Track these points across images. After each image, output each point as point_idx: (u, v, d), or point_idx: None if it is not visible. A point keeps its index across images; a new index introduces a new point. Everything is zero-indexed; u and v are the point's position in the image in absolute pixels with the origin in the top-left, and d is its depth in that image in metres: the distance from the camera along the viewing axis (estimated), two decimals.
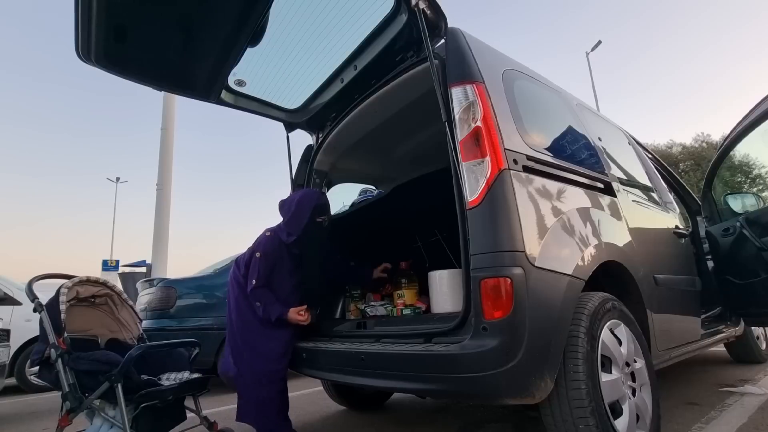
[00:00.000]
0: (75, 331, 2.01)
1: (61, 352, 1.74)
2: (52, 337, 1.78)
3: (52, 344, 1.77)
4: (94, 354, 1.85)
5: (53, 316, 1.84)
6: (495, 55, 1.83)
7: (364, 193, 3.00)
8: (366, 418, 2.58)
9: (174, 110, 10.46)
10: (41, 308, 1.86)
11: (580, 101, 2.46)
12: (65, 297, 1.91)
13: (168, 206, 10.03)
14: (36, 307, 1.87)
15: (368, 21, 1.95)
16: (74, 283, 2.01)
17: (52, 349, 1.76)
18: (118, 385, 1.67)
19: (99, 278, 2.19)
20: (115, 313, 2.24)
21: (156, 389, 1.80)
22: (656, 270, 2.09)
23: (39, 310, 1.86)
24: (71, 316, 1.97)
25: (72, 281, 2.01)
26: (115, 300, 2.24)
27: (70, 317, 1.94)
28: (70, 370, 1.75)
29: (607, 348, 1.51)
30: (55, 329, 1.80)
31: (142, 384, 1.79)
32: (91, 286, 2.13)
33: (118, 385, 1.67)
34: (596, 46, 17.64)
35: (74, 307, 2.05)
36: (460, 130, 1.49)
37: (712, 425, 1.95)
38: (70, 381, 1.73)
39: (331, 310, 2.71)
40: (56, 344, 1.76)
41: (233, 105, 2.41)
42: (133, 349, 1.78)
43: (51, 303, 1.89)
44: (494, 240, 1.34)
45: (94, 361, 1.77)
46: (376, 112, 2.33)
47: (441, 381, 1.38)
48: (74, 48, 1.75)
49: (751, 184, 12.92)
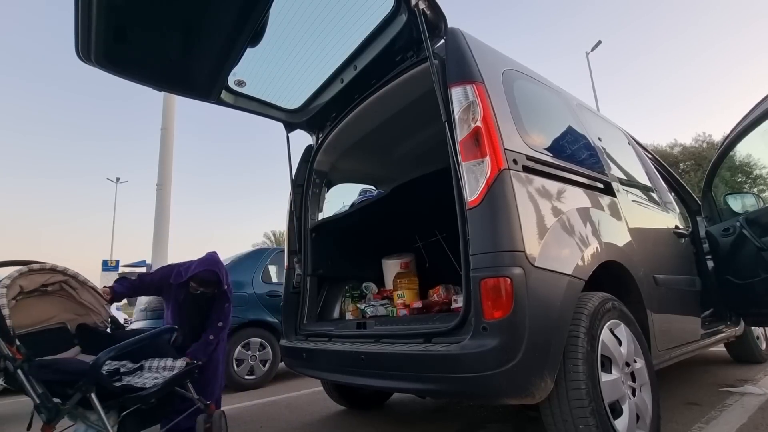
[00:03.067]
0: (35, 324, 1.83)
1: (18, 363, 1.52)
2: (4, 348, 1.55)
3: (4, 355, 1.54)
4: (58, 363, 1.67)
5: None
6: (495, 55, 1.83)
7: (364, 193, 3.00)
8: (366, 418, 2.58)
9: (174, 110, 10.45)
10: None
11: (580, 101, 2.46)
12: (5, 298, 1.66)
13: (168, 206, 10.02)
14: None
15: (368, 21, 1.95)
16: (12, 279, 1.77)
17: (6, 361, 1.53)
18: (91, 394, 1.51)
19: (44, 265, 1.93)
20: (75, 298, 2.04)
21: (136, 395, 1.63)
22: (656, 270, 2.09)
23: None
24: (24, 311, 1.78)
25: (9, 277, 1.77)
26: (71, 284, 2.03)
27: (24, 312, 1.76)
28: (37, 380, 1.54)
29: (607, 348, 1.51)
30: (4, 337, 1.56)
31: (119, 391, 1.63)
32: (36, 275, 1.88)
33: (92, 394, 1.51)
34: (596, 46, 17.66)
35: (23, 301, 1.84)
36: (460, 130, 1.49)
37: (712, 425, 1.95)
38: (39, 390, 1.51)
39: (331, 310, 2.71)
40: (9, 355, 1.53)
41: (233, 105, 2.41)
42: (101, 354, 1.58)
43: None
44: (494, 240, 1.34)
45: (57, 371, 1.60)
46: (376, 112, 2.33)
47: (441, 381, 1.38)
48: (74, 48, 1.75)
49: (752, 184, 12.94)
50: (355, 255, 2.81)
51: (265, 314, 4.11)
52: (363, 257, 2.87)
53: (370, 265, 2.87)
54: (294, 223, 2.56)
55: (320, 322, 2.51)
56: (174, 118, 10.46)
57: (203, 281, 2.39)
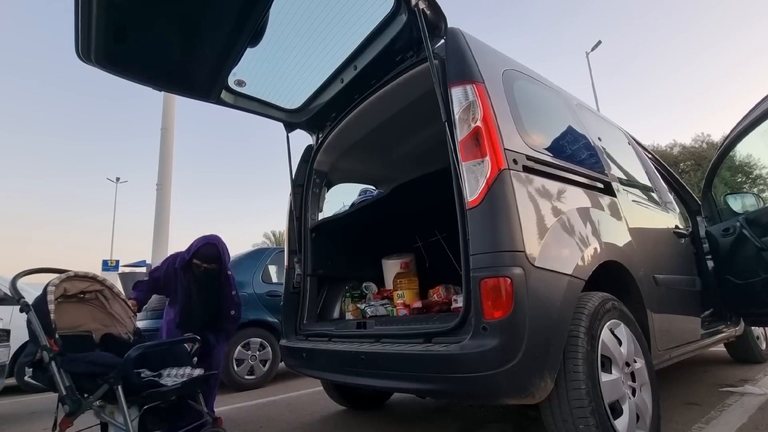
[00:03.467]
0: (65, 328, 1.95)
1: (54, 355, 1.67)
2: (43, 339, 1.70)
3: (43, 346, 1.69)
4: (90, 356, 1.80)
5: (42, 316, 1.76)
6: (495, 55, 1.83)
7: (364, 193, 3.00)
8: (366, 418, 2.58)
9: (174, 110, 10.45)
10: (28, 308, 1.79)
11: (580, 101, 2.46)
12: (53, 295, 1.83)
13: (168, 206, 10.02)
14: (23, 307, 1.79)
15: (368, 21, 1.95)
16: (61, 279, 1.93)
17: (44, 351, 1.69)
18: (118, 387, 1.63)
19: (87, 273, 2.11)
20: (107, 308, 2.17)
21: (158, 390, 1.75)
22: (656, 270, 2.09)
23: (26, 310, 1.79)
24: (60, 314, 1.90)
25: (58, 278, 1.93)
26: (106, 294, 2.17)
27: (59, 315, 1.88)
28: (65, 372, 1.68)
29: (607, 348, 1.51)
30: (46, 330, 1.72)
31: (143, 385, 1.75)
32: (78, 281, 2.05)
33: (119, 387, 1.63)
34: (596, 46, 17.67)
35: (62, 304, 1.97)
36: (460, 130, 1.49)
37: (712, 425, 1.95)
38: (67, 383, 1.66)
39: (331, 310, 2.71)
40: (47, 346, 1.69)
41: (233, 105, 2.41)
42: (132, 350, 1.71)
43: (38, 302, 1.82)
44: (494, 240, 1.34)
45: (90, 363, 1.72)
46: (376, 112, 2.33)
47: (441, 381, 1.38)
48: (74, 48, 1.75)
49: (752, 184, 12.94)
50: (355, 255, 2.81)
51: (265, 314, 4.11)
52: (363, 257, 2.86)
53: (370, 265, 2.86)
54: (294, 223, 2.56)
55: (320, 322, 2.51)
56: (174, 118, 10.46)
57: (205, 257, 2.42)
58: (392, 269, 2.75)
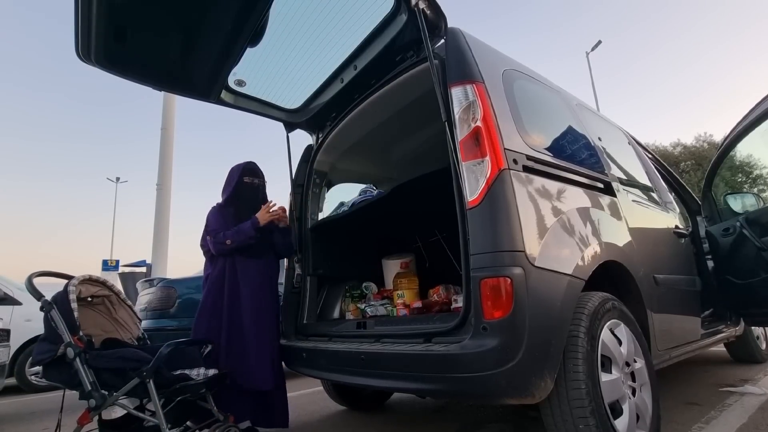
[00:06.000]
0: None
1: (79, 351, 1.74)
2: (66, 336, 1.76)
3: (67, 343, 1.76)
4: (119, 351, 1.85)
5: (66, 313, 1.81)
6: (495, 55, 1.83)
7: (364, 193, 2.99)
8: (366, 418, 2.58)
9: (174, 110, 10.47)
10: (51, 306, 1.82)
11: (580, 101, 2.46)
12: (74, 295, 1.89)
13: (168, 206, 10.04)
14: (43, 305, 1.82)
15: (368, 21, 1.95)
16: (79, 281, 2.00)
17: (68, 348, 1.75)
18: (150, 381, 1.70)
19: (99, 278, 2.17)
20: (111, 314, 2.21)
21: (189, 383, 1.82)
22: (656, 270, 2.09)
23: (48, 308, 1.82)
24: None
25: (78, 279, 2.00)
26: (112, 300, 2.22)
27: None
28: (89, 368, 1.74)
29: (607, 348, 1.51)
30: (70, 327, 1.78)
31: (174, 379, 1.81)
32: (90, 285, 2.11)
33: (150, 381, 1.70)
34: (596, 45, 17.69)
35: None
36: (460, 130, 1.49)
37: (712, 425, 1.95)
38: (91, 379, 1.73)
39: (331, 310, 2.71)
40: (72, 342, 1.76)
41: (233, 105, 2.41)
42: (164, 347, 1.80)
43: (61, 301, 1.86)
44: (494, 240, 1.34)
45: (120, 358, 1.79)
46: (376, 112, 2.33)
47: (441, 381, 1.38)
48: (74, 48, 1.75)
49: (752, 184, 12.93)
50: (355, 255, 2.81)
51: None
52: (363, 257, 2.86)
53: (370, 265, 2.86)
54: (294, 223, 2.56)
55: (320, 321, 2.51)
56: (174, 118, 10.48)
57: (252, 171, 2.46)
58: (392, 269, 2.74)
